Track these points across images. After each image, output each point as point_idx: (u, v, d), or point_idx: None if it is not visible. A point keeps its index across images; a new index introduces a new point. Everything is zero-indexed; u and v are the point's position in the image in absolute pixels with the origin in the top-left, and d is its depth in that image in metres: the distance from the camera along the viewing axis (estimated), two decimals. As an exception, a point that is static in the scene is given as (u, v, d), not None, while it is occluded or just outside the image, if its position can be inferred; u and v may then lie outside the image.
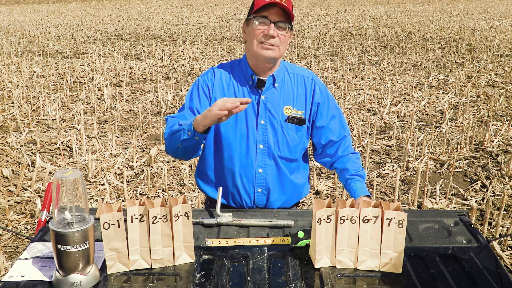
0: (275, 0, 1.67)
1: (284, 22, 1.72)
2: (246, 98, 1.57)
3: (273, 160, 1.87)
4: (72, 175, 1.23)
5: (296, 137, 1.87)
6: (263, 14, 1.70)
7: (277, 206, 1.96)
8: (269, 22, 1.70)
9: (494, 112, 6.55)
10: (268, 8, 1.69)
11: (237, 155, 1.85)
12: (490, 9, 24.83)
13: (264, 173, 1.88)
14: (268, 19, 1.70)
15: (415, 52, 11.63)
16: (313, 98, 1.87)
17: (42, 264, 1.37)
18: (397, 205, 1.35)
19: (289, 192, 1.96)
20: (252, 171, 1.87)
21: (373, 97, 7.34)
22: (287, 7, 1.69)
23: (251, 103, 1.79)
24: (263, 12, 1.70)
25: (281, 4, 1.67)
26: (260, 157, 1.86)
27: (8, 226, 3.61)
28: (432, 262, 1.42)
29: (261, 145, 1.85)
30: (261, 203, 1.94)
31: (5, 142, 5.40)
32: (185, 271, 1.37)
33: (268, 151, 1.86)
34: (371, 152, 5.12)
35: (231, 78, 1.85)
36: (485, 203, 3.94)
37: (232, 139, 1.84)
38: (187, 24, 18.64)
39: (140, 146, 5.34)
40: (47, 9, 27.44)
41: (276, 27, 1.71)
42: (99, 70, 9.44)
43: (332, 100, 1.93)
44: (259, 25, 1.72)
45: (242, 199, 1.91)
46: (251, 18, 1.74)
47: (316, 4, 30.11)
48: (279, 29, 1.72)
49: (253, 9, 1.74)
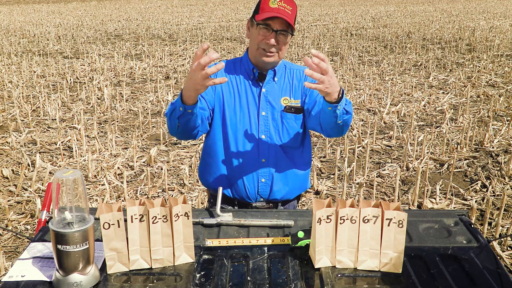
0: (279, 14, 1.74)
1: (286, 31, 1.80)
2: (206, 44, 1.46)
3: (276, 150, 1.94)
4: (72, 175, 1.22)
5: (296, 125, 1.94)
6: (267, 22, 1.78)
7: (281, 197, 1.99)
8: (271, 31, 1.78)
9: (494, 112, 6.55)
10: (272, 18, 1.76)
11: (240, 145, 1.92)
12: (490, 9, 24.83)
13: (267, 163, 1.93)
14: (270, 27, 1.78)
15: (415, 52, 11.64)
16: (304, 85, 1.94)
17: (42, 264, 1.37)
18: (397, 205, 1.35)
19: (292, 182, 2.01)
20: (255, 161, 1.93)
21: (373, 97, 7.34)
22: (290, 18, 1.76)
23: (252, 95, 1.90)
24: (267, 20, 1.77)
25: (285, 17, 1.74)
26: (263, 147, 1.93)
27: (8, 226, 3.61)
28: (432, 262, 1.42)
29: (263, 135, 1.92)
30: (264, 194, 1.97)
31: (5, 142, 5.40)
32: (185, 271, 1.37)
33: (270, 141, 1.92)
34: (371, 152, 5.12)
35: (233, 72, 1.93)
36: (485, 203, 3.94)
37: (235, 131, 1.90)
38: (187, 24, 18.64)
39: (140, 146, 5.34)
40: (47, 9, 27.44)
41: (277, 36, 1.79)
42: (99, 70, 9.44)
43: None
44: (261, 32, 1.80)
45: (246, 189, 1.95)
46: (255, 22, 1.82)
47: (316, 4, 30.11)
48: (280, 36, 1.80)
49: (258, 13, 1.80)
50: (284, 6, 1.76)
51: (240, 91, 1.90)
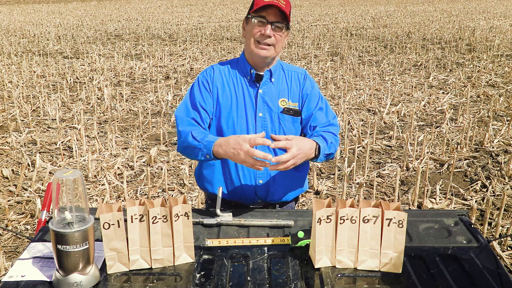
0: (273, 2, 1.75)
1: (281, 23, 1.80)
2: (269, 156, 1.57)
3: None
4: (72, 175, 1.23)
5: (293, 128, 1.94)
6: (261, 14, 1.78)
7: (278, 198, 1.99)
8: (266, 22, 1.78)
9: (494, 112, 6.55)
10: (266, 8, 1.77)
11: None
12: (490, 9, 24.83)
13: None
14: (265, 19, 1.78)
15: (415, 52, 11.64)
16: (302, 90, 1.96)
17: (42, 264, 1.37)
18: (397, 205, 1.35)
19: (289, 184, 2.00)
20: None
21: (373, 97, 7.34)
22: (285, 9, 1.77)
23: (249, 96, 1.90)
24: (261, 12, 1.78)
25: (279, 5, 1.75)
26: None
27: (8, 226, 3.61)
28: (432, 262, 1.42)
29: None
30: (262, 195, 1.97)
31: (5, 142, 5.40)
32: (185, 271, 1.37)
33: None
34: (371, 152, 5.12)
35: (230, 73, 1.93)
36: (485, 203, 3.94)
37: (233, 132, 1.89)
38: (187, 24, 18.64)
39: (140, 146, 5.34)
40: (47, 9, 27.45)
41: (272, 27, 1.79)
42: (99, 70, 9.44)
43: (320, 95, 2.00)
44: (256, 25, 1.80)
45: (244, 190, 1.95)
46: (250, 17, 1.82)
47: (316, 4, 30.12)
48: (276, 29, 1.80)
49: (252, 8, 1.82)
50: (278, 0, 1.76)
51: (238, 92, 1.90)
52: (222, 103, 1.89)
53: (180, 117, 1.87)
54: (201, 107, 1.86)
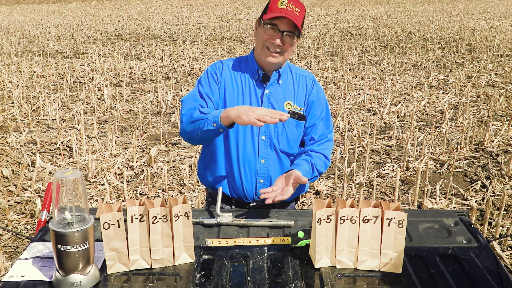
0: (287, 15, 1.74)
1: (292, 32, 1.79)
2: (282, 113, 1.61)
3: (275, 151, 1.94)
4: (72, 175, 1.23)
5: (296, 132, 1.94)
6: (274, 22, 1.78)
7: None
8: (277, 31, 1.78)
9: (494, 112, 6.55)
10: (280, 17, 1.77)
11: (240, 145, 1.92)
12: (490, 9, 24.83)
13: (266, 164, 1.94)
14: (277, 27, 1.78)
15: (415, 52, 11.63)
16: (309, 96, 1.95)
17: (42, 264, 1.37)
18: (397, 205, 1.35)
19: None
20: (254, 162, 1.93)
21: (373, 97, 7.34)
22: (297, 19, 1.76)
23: (255, 96, 1.90)
24: (274, 20, 1.78)
25: (292, 18, 1.75)
26: (263, 148, 1.93)
27: (8, 226, 3.61)
28: (432, 262, 1.42)
29: (263, 136, 1.92)
30: None
31: (5, 142, 5.40)
32: (185, 271, 1.37)
33: (270, 143, 1.93)
34: (371, 152, 5.12)
35: (239, 70, 1.94)
36: (485, 203, 3.94)
37: (236, 131, 1.90)
38: (187, 24, 18.64)
39: (140, 146, 5.34)
40: (47, 9, 27.44)
41: (283, 36, 1.79)
42: (99, 70, 9.44)
43: (326, 104, 2.01)
44: (268, 31, 1.80)
45: (244, 189, 1.95)
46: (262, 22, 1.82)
47: (316, 4, 30.11)
48: (286, 38, 1.80)
49: (266, 13, 1.81)
50: (292, 8, 1.76)
51: (244, 90, 1.90)
52: (228, 97, 1.90)
53: (187, 102, 1.88)
54: (207, 97, 1.87)
